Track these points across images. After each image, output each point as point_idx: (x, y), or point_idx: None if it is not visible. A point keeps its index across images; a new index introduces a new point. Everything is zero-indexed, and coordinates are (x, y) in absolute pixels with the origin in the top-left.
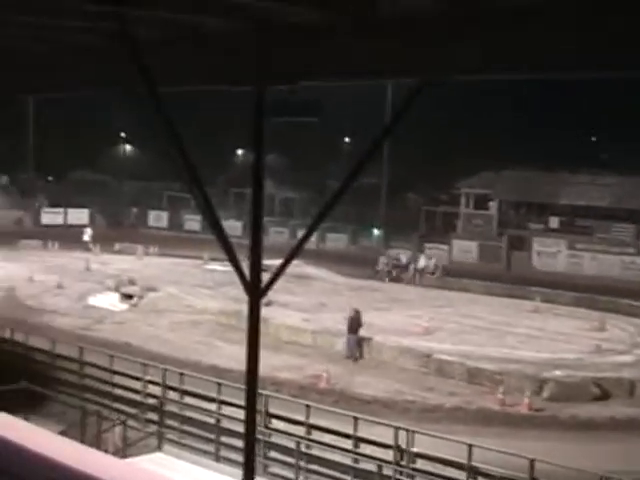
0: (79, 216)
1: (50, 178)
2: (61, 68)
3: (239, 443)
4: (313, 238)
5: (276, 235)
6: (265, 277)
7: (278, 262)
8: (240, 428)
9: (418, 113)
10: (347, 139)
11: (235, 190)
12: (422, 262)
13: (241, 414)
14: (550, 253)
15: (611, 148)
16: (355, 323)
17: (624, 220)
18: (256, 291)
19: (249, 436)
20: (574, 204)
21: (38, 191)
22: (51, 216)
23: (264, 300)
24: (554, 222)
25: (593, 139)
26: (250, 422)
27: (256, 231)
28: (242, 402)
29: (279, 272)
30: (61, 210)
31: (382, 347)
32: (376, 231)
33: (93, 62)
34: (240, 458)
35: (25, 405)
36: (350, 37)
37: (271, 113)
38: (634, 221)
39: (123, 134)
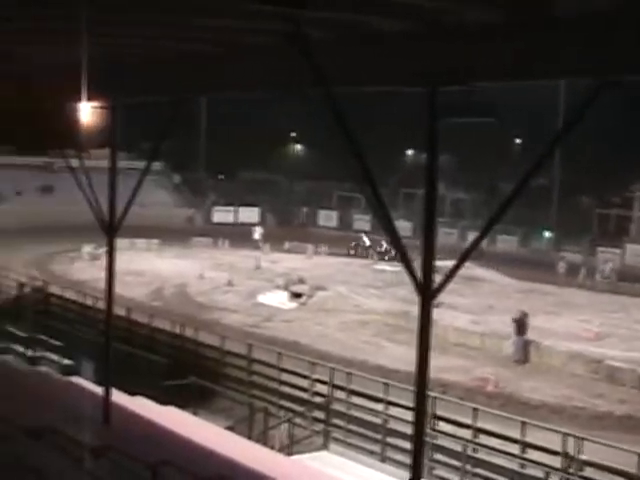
0: (249, 214)
1: (221, 177)
2: (234, 70)
3: (405, 444)
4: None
5: (446, 236)
6: (435, 278)
7: (448, 263)
8: (406, 429)
9: (592, 113)
10: (518, 140)
11: (405, 190)
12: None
13: (408, 415)
14: None
15: None
16: (522, 325)
17: None
18: (428, 292)
19: (418, 438)
20: None
21: (209, 190)
22: (222, 214)
23: (434, 301)
24: None
25: None
26: (419, 424)
27: (429, 232)
28: (408, 403)
29: (452, 273)
30: (232, 208)
31: (551, 351)
32: (547, 234)
33: (266, 63)
34: (406, 459)
35: (194, 400)
36: (524, 36)
37: (446, 114)
38: None
39: (294, 133)
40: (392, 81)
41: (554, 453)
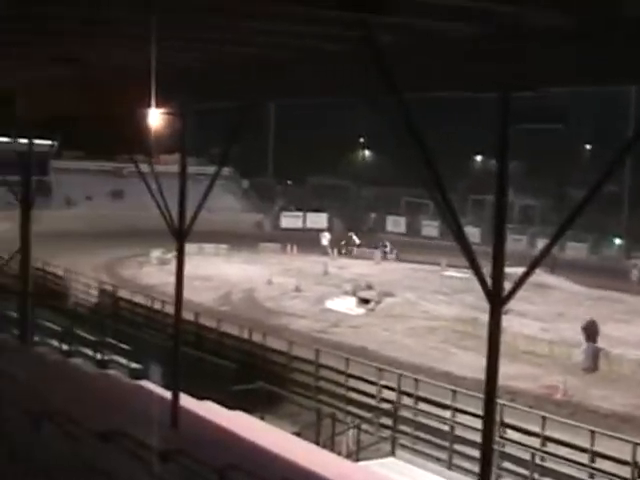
0: (317, 220)
1: (289, 182)
2: (304, 75)
3: (473, 452)
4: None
5: (514, 243)
6: (505, 285)
7: (517, 270)
8: (474, 437)
9: None
10: (588, 146)
11: (474, 197)
12: None
13: (475, 422)
14: None
15: None
16: (591, 333)
17: None
18: (497, 299)
19: (486, 445)
20: None
21: (277, 195)
22: (290, 219)
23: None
24: None
25: None
26: (488, 431)
27: (499, 238)
28: (476, 410)
29: (522, 280)
30: (300, 214)
31: (621, 359)
32: (617, 241)
33: (336, 68)
34: (473, 467)
35: (261, 405)
36: (596, 41)
37: (517, 120)
38: None
39: (362, 139)
40: (463, 87)
41: (624, 463)
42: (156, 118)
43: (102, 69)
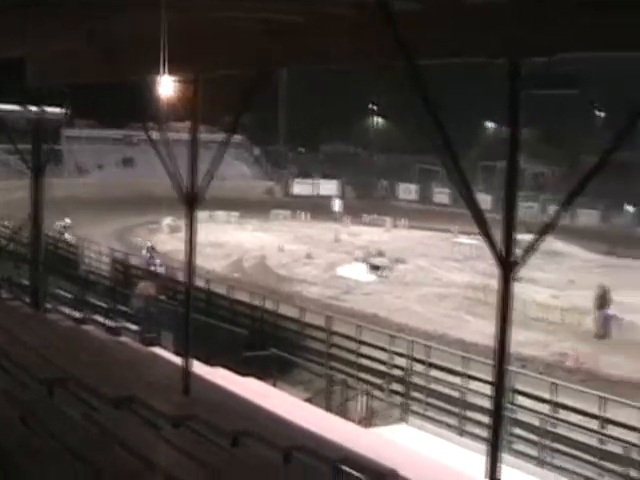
0: (329, 187)
1: (301, 149)
2: (317, 41)
3: (483, 418)
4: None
5: (526, 210)
6: (516, 252)
7: (528, 237)
8: (485, 403)
9: None
10: (602, 113)
11: (484, 163)
12: None
13: (486, 389)
14: None
15: None
16: (602, 300)
17: None
18: (508, 264)
19: (497, 412)
20: None
21: (289, 162)
22: (302, 187)
23: (515, 275)
24: None
25: None
26: (498, 397)
27: (510, 204)
28: (487, 377)
29: (533, 246)
30: (312, 181)
31: (633, 327)
32: (630, 208)
33: (349, 34)
34: (484, 433)
35: (273, 372)
36: (609, 5)
37: (528, 85)
38: None
39: (375, 106)
40: (475, 53)
41: (634, 429)
42: (168, 85)
43: (114, 36)
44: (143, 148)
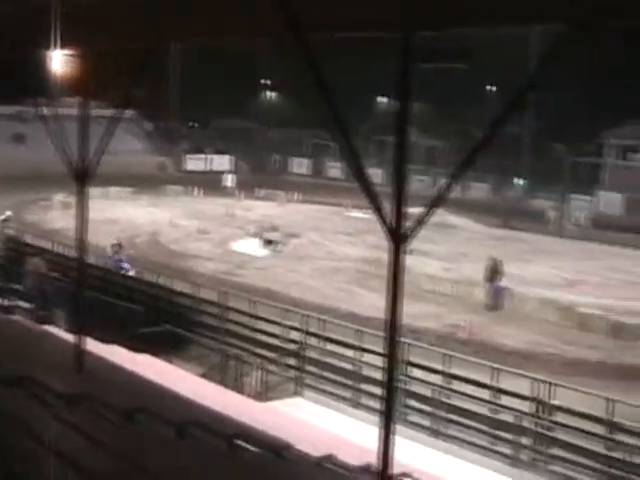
0: (222, 162)
1: (193, 125)
2: (207, 16)
3: (378, 390)
4: (455, 187)
5: (418, 183)
6: (406, 225)
7: (419, 210)
8: (379, 375)
9: (566, 60)
10: (493, 87)
11: (377, 138)
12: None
13: (380, 361)
14: None
15: None
16: (493, 273)
17: None
18: (398, 238)
19: (389, 384)
20: None
21: (182, 137)
22: (194, 162)
23: (405, 248)
24: None
25: None
26: (390, 370)
27: (399, 177)
28: (381, 350)
29: (423, 219)
30: (204, 156)
31: (524, 298)
32: (520, 181)
33: (239, 9)
34: (379, 405)
35: (168, 348)
36: None
37: (419, 59)
38: None
39: (268, 81)
40: (366, 27)
41: (525, 399)
42: (59, 60)
43: (2, 9)
44: (35, 124)
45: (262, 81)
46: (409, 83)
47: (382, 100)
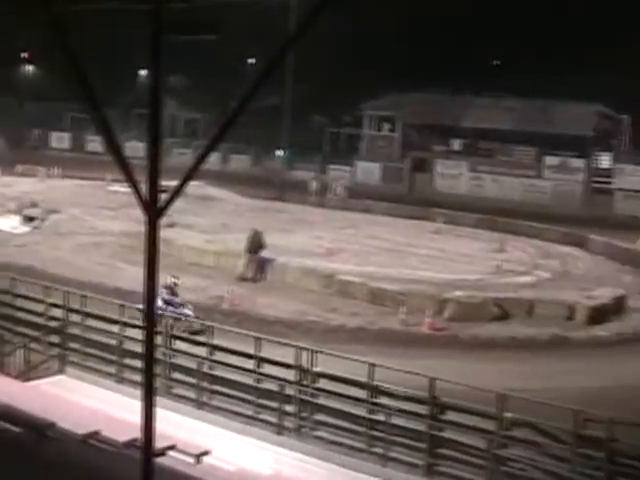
0: None
1: None
2: None
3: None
4: (216, 159)
5: (180, 156)
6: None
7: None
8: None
9: (324, 30)
10: (251, 60)
11: (138, 111)
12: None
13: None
14: (452, 175)
15: (514, 72)
16: (255, 244)
17: (525, 143)
18: (153, 211)
19: (148, 356)
20: (477, 127)
21: None
22: None
23: (167, 221)
24: (456, 144)
25: (496, 62)
26: (148, 342)
27: (153, 150)
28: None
29: (177, 191)
30: None
31: (285, 268)
32: (280, 152)
33: None
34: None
35: None
36: None
37: (169, 31)
38: (535, 144)
39: (26, 54)
40: None
41: (289, 366)
42: None
43: None
44: None
45: (21, 54)
46: (159, 54)
47: (145, 73)
